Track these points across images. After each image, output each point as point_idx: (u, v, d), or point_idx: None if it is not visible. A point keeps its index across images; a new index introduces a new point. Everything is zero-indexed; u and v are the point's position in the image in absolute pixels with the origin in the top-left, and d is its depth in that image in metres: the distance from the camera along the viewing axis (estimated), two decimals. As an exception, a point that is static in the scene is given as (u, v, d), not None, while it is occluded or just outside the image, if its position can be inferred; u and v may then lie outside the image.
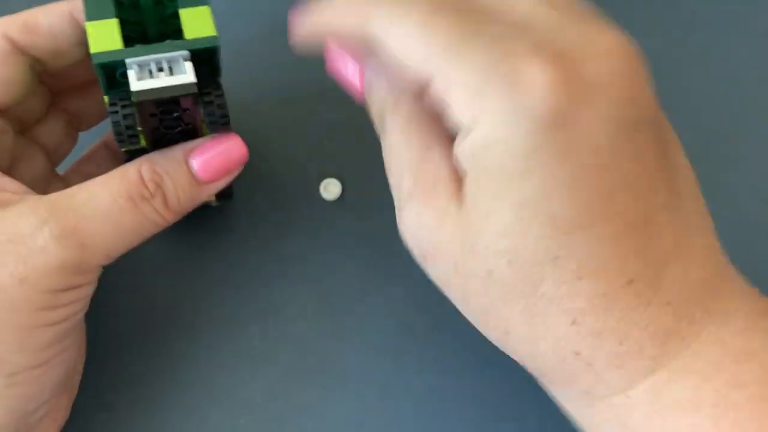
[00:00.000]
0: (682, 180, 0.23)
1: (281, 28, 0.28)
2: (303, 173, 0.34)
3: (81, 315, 0.26)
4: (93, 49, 0.24)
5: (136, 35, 0.27)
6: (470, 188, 0.22)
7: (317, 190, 0.34)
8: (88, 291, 0.25)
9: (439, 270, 0.24)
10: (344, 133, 0.35)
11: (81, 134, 0.32)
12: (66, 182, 0.31)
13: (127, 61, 0.24)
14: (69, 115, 0.31)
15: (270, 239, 0.33)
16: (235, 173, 0.27)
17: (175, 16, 0.26)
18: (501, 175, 0.21)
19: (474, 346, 0.30)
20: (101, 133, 0.33)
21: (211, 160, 0.26)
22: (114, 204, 0.25)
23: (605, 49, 0.21)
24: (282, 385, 0.30)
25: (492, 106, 0.21)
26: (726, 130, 0.36)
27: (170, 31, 0.27)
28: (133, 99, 0.24)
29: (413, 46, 0.22)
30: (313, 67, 0.30)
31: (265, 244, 0.33)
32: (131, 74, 0.24)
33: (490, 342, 0.29)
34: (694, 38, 0.38)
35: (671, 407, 0.22)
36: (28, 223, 0.24)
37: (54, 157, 0.30)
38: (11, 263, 0.23)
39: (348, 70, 0.26)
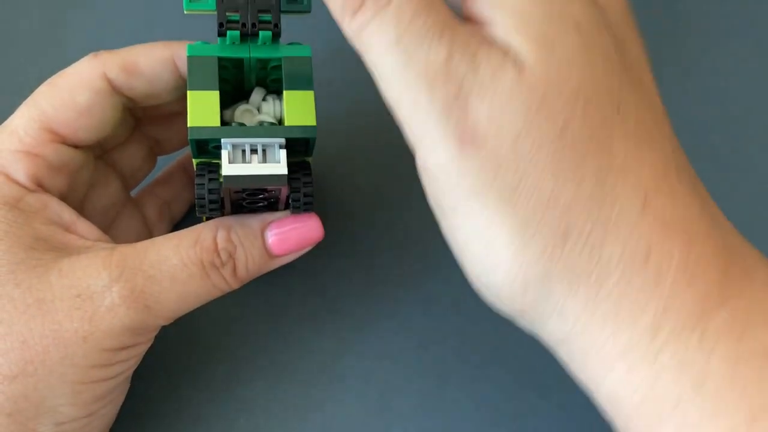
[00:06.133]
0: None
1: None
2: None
3: (132, 370, 0.26)
4: (191, 123, 0.23)
5: (232, 89, 0.26)
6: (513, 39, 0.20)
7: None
8: (143, 349, 0.25)
9: (490, 152, 0.20)
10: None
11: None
12: (139, 207, 0.30)
13: (223, 140, 0.23)
14: (150, 141, 0.30)
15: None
16: (307, 250, 0.27)
17: (277, 82, 0.26)
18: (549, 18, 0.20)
19: (474, 346, 0.31)
20: (176, 154, 0.32)
21: (286, 236, 0.26)
22: (184, 269, 0.24)
23: None
24: (282, 385, 0.30)
25: None
26: (727, 130, 0.36)
27: (266, 85, 0.26)
28: (223, 183, 0.23)
29: None
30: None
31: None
32: (224, 155, 0.23)
33: (490, 343, 0.29)
34: (694, 39, 0.38)
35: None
36: (99, 279, 0.23)
37: (130, 182, 0.30)
38: (77, 319, 0.23)
39: None
